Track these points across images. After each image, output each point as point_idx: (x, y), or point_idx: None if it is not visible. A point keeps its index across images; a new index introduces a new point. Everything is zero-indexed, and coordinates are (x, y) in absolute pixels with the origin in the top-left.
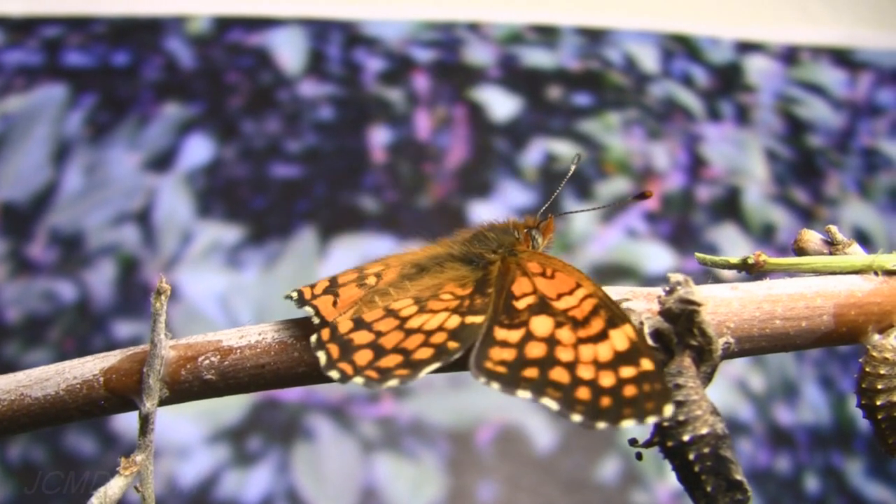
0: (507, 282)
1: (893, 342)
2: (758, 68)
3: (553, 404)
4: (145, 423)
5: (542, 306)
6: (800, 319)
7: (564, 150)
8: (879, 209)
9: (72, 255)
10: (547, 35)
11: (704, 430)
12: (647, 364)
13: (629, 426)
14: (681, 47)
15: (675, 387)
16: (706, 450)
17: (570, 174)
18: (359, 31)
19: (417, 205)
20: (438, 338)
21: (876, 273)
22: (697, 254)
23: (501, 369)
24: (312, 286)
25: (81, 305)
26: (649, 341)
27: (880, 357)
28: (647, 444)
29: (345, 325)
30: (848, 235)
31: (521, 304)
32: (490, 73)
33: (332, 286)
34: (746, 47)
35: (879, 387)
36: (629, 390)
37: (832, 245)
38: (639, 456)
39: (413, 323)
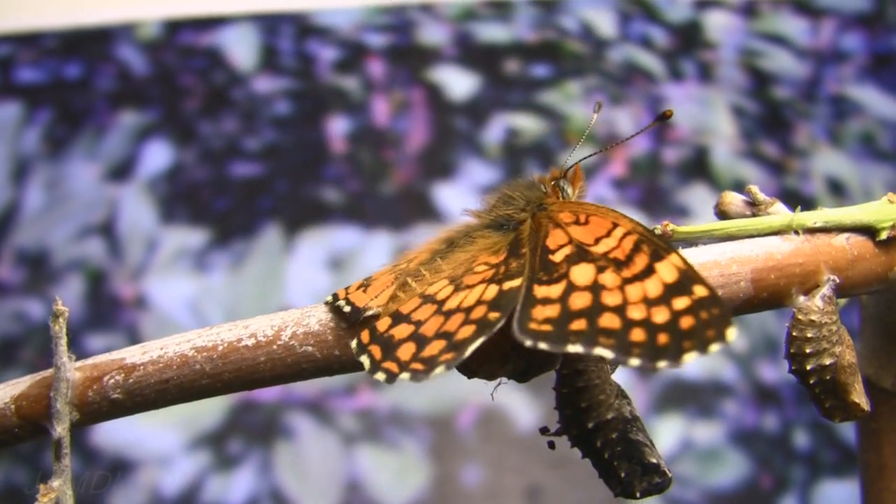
0: (541, 237)
1: (819, 303)
2: (717, 24)
3: (607, 352)
4: (58, 447)
5: (581, 254)
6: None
7: (525, 123)
8: (851, 156)
9: (39, 273)
10: (501, 9)
11: (609, 416)
12: (700, 291)
13: (692, 361)
14: (637, 9)
15: (575, 373)
16: (613, 435)
17: (593, 121)
18: (310, 22)
19: (381, 192)
20: (478, 312)
21: (796, 232)
22: None
23: (547, 328)
24: (347, 288)
25: None
26: None
27: (806, 320)
28: (557, 433)
29: (384, 323)
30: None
31: (557, 257)
32: (445, 53)
33: (366, 282)
34: (704, 4)
35: (808, 350)
36: (686, 322)
37: (754, 206)
38: (551, 445)
39: (451, 304)
